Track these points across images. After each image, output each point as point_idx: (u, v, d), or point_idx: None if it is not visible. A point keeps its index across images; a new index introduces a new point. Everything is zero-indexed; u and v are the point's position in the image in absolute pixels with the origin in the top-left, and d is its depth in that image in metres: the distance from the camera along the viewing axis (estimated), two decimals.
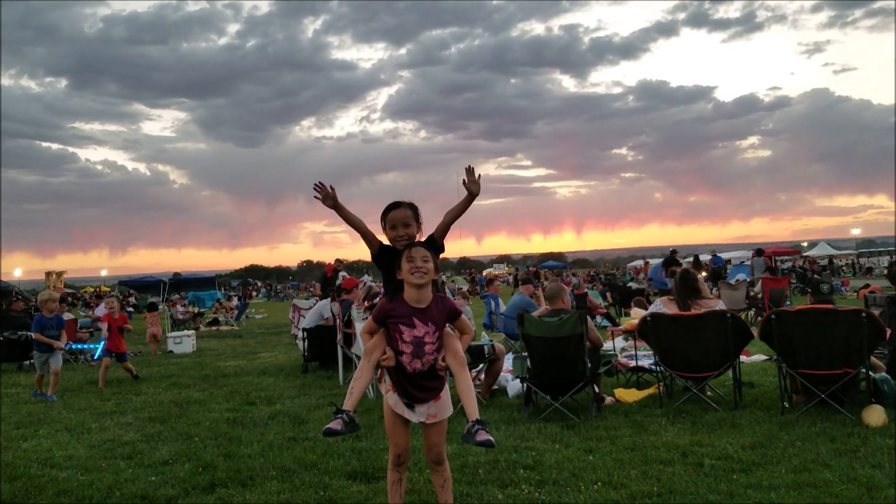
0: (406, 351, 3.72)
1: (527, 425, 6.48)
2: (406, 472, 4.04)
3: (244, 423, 7.20)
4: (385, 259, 3.93)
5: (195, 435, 6.68)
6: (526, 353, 7.12)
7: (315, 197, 3.93)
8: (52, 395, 9.42)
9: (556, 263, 76.07)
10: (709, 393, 7.31)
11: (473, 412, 3.55)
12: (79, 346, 14.58)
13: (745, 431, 5.94)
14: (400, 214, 3.93)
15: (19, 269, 62.26)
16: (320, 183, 3.91)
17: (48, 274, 55.83)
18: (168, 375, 11.31)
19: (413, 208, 3.99)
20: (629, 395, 7.56)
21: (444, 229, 3.96)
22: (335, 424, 3.48)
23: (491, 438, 3.40)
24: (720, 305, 7.20)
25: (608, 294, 23.83)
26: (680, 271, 7.60)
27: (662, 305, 7.42)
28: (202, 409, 8.04)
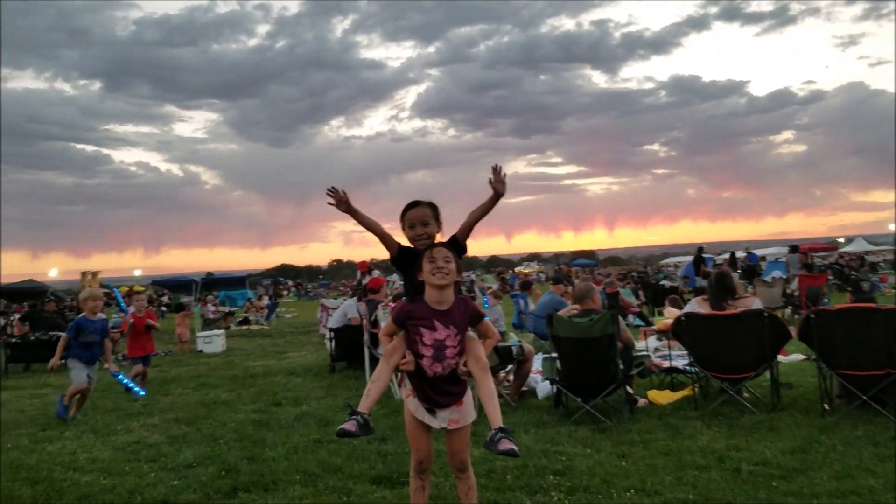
0: (426, 354, 3.58)
1: (556, 428, 6.31)
2: (429, 480, 3.90)
3: (270, 424, 7.11)
4: (405, 261, 3.79)
5: (220, 437, 6.61)
6: (556, 354, 6.95)
7: (328, 203, 3.80)
8: (69, 411, 8.04)
9: (587, 261, 75.52)
10: (745, 394, 7.07)
11: (496, 419, 3.40)
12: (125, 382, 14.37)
13: (783, 435, 5.72)
14: (418, 213, 3.81)
15: (55, 269, 63.16)
16: (333, 188, 3.78)
17: (83, 274, 56.54)
18: (196, 375, 11.30)
19: (432, 207, 3.86)
20: (663, 397, 7.35)
21: (467, 229, 3.81)
22: (349, 426, 3.40)
23: (514, 448, 3.25)
24: (756, 304, 6.97)
25: (641, 292, 23.48)
26: (715, 271, 7.36)
27: (697, 305, 7.20)
28: (228, 411, 7.98)
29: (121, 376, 8.65)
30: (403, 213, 3.83)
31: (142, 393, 9.17)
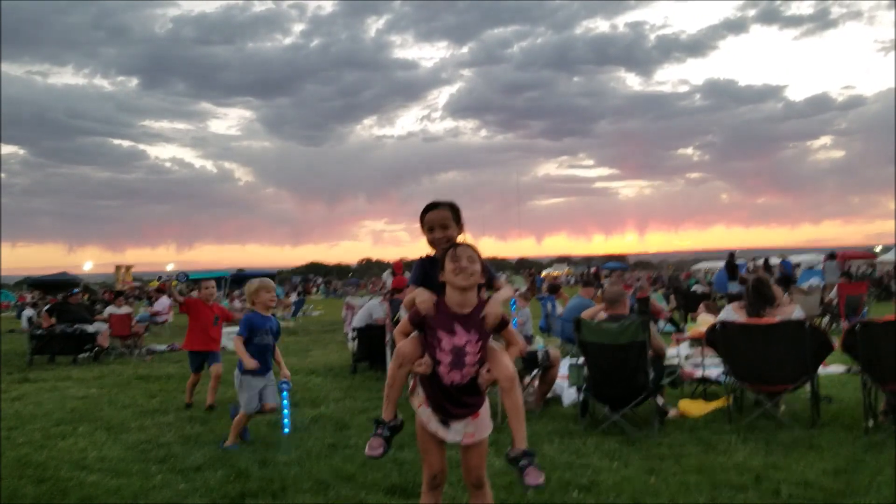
0: (444, 361, 3.28)
1: (583, 439, 6.01)
2: (442, 496, 3.61)
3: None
4: (430, 270, 3.50)
5: None
6: (583, 361, 6.65)
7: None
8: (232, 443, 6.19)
9: (617, 265, 74.63)
10: (783, 408, 6.71)
11: (521, 439, 3.21)
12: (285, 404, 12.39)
13: (825, 454, 5.36)
14: (438, 215, 3.56)
15: (90, 262, 64.03)
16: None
17: (118, 268, 57.28)
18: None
19: (453, 208, 3.60)
20: (695, 408, 7.01)
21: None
22: (375, 447, 3.30)
23: (542, 481, 3.09)
24: (797, 313, 6.61)
25: (671, 297, 22.99)
26: (753, 277, 7.00)
27: (733, 312, 6.85)
28: None
29: (285, 394, 6.36)
30: (423, 215, 3.60)
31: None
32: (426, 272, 3.50)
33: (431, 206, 3.60)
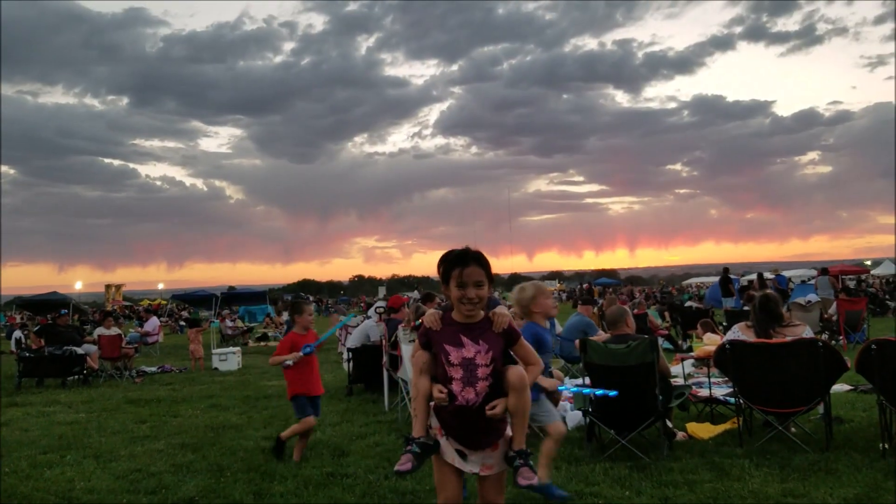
0: (456, 377, 3.11)
1: (590, 465, 5.79)
2: None
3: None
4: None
5: (227, 467, 6.16)
6: (588, 382, 6.44)
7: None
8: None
9: (609, 280, 74.56)
10: (793, 430, 6.51)
11: (521, 441, 3.17)
12: None
13: (843, 479, 5.16)
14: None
15: (80, 281, 63.51)
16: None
17: (108, 287, 56.88)
18: (209, 396, 10.88)
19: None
20: (704, 431, 6.80)
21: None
22: (404, 462, 3.09)
23: (534, 481, 3.09)
24: (807, 332, 6.43)
25: (667, 314, 22.82)
26: (760, 295, 6.81)
27: (741, 332, 6.66)
28: (238, 436, 7.53)
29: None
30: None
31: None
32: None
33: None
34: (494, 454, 3.19)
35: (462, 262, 3.11)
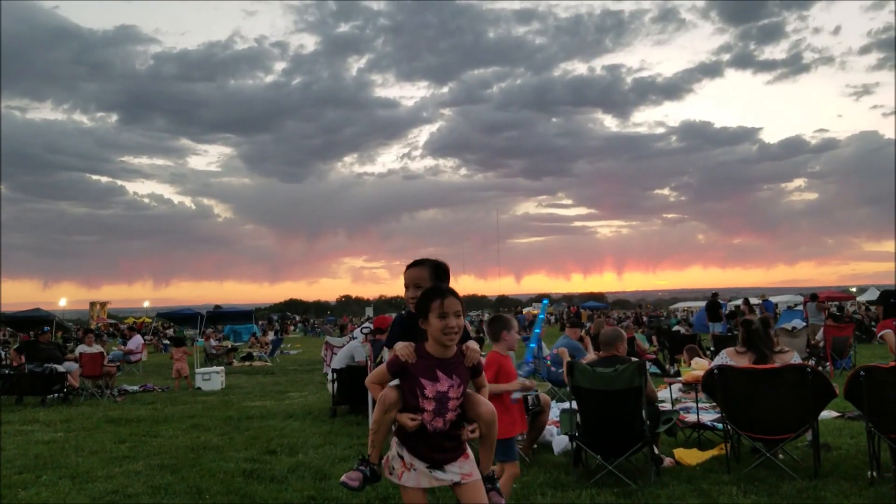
0: (428, 409, 3.14)
1: (577, 491, 5.68)
2: None
3: (261, 475, 6.51)
4: (410, 326, 3.39)
5: (206, 490, 6.02)
6: (575, 406, 6.36)
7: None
8: None
9: (596, 304, 74.54)
10: (781, 456, 6.45)
11: (487, 466, 3.29)
12: None
13: None
14: (415, 274, 3.55)
15: (64, 298, 62.90)
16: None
17: (92, 304, 56.37)
18: (191, 416, 10.71)
19: (435, 267, 3.57)
20: (691, 457, 6.73)
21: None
22: (354, 479, 3.19)
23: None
24: (795, 358, 6.38)
25: (654, 338, 22.79)
26: (760, 319, 6.75)
27: (729, 357, 6.59)
28: (218, 458, 7.38)
29: None
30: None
31: None
32: (406, 329, 3.39)
33: (412, 264, 3.58)
34: (469, 462, 3.24)
35: (442, 295, 3.17)
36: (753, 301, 32.36)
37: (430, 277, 3.48)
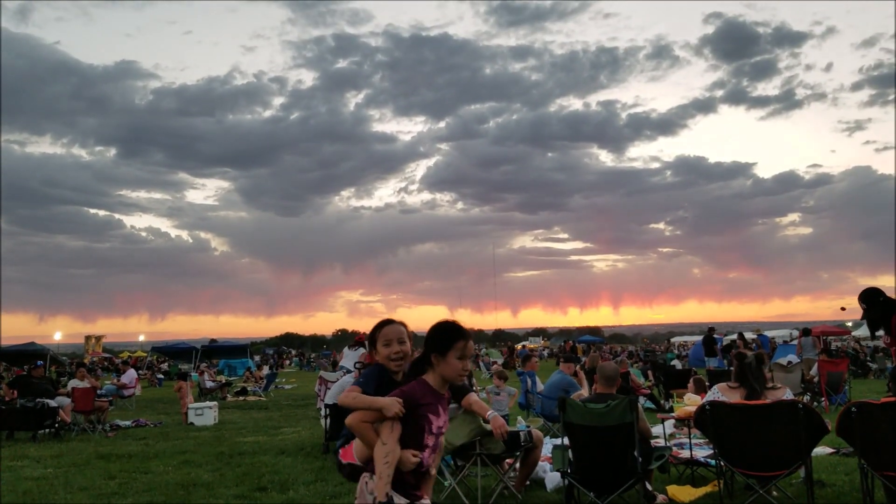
0: (429, 444, 3.14)
1: None
2: None
3: None
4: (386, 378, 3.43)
5: None
6: (567, 442, 6.33)
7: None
8: None
9: (592, 338, 74.41)
10: (775, 493, 6.41)
11: (381, 490, 3.01)
12: None
13: None
14: (395, 330, 3.53)
15: (59, 332, 62.66)
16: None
17: (87, 338, 56.17)
18: (182, 451, 10.62)
19: (405, 326, 3.60)
20: (684, 494, 6.70)
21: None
22: None
23: None
24: (788, 394, 6.37)
25: (650, 373, 22.72)
26: (754, 354, 6.76)
27: (721, 393, 6.59)
28: (208, 494, 7.32)
29: None
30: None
31: None
32: (381, 383, 3.36)
33: (389, 322, 3.59)
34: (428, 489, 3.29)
35: (465, 337, 3.18)
36: (749, 336, 32.35)
37: (407, 333, 3.55)
